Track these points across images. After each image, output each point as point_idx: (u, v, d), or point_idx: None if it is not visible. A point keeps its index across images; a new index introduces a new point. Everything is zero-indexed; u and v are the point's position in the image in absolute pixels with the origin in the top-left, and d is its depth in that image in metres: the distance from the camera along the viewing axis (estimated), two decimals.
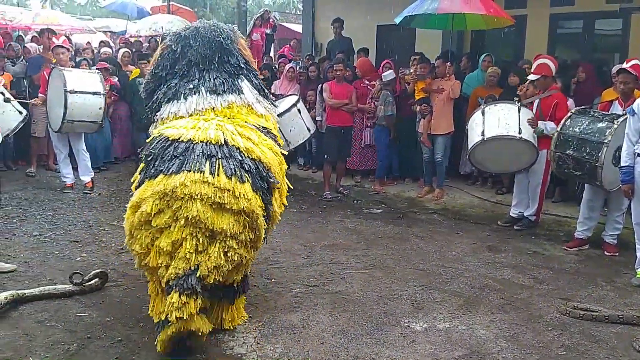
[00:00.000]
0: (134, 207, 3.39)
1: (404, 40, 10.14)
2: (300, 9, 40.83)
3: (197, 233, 3.30)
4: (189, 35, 4.26)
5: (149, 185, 3.36)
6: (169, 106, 4.09)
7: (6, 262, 4.74)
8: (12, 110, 6.68)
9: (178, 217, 3.29)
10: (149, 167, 3.47)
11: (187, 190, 3.28)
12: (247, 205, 3.38)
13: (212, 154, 3.43)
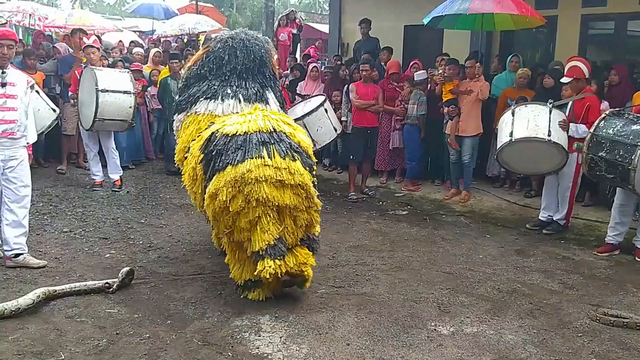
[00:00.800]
0: (211, 196, 3.98)
1: (431, 40, 10.07)
2: (325, 9, 40.95)
3: (267, 210, 3.89)
4: (237, 46, 4.81)
5: (220, 177, 3.93)
6: (207, 103, 4.68)
7: (37, 258, 4.84)
8: (46, 109, 6.81)
9: (250, 199, 3.86)
10: (216, 161, 4.01)
11: (252, 175, 3.85)
12: (301, 179, 3.98)
13: (265, 141, 3.99)
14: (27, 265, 4.68)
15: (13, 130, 4.65)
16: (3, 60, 4.62)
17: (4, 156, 4.65)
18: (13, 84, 4.69)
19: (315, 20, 26.11)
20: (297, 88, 8.88)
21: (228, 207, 3.91)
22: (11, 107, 4.64)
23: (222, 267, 4.90)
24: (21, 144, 4.77)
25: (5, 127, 4.60)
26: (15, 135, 4.68)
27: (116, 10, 38.39)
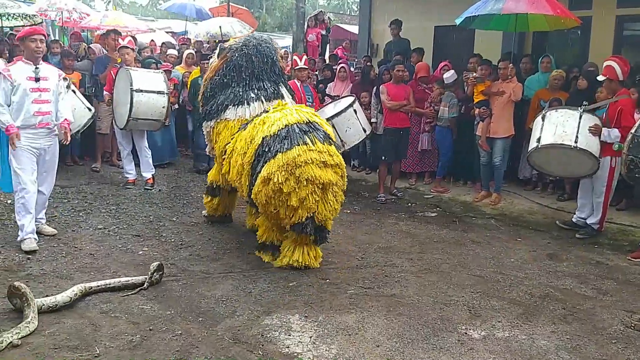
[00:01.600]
0: (264, 181, 4.59)
1: (463, 41, 9.98)
2: (354, 9, 40.92)
3: (315, 188, 4.57)
4: (251, 52, 5.38)
5: (272, 163, 4.57)
6: (236, 110, 5.27)
7: (72, 254, 4.96)
8: (82, 108, 6.96)
9: (301, 179, 4.52)
10: (266, 152, 4.65)
11: (301, 158, 4.54)
12: (338, 160, 4.78)
13: (305, 130, 4.70)
14: (41, 232, 5.31)
15: (48, 121, 5.08)
16: (37, 54, 5.00)
17: (40, 145, 5.08)
18: (46, 78, 5.08)
19: (344, 21, 26.08)
20: (327, 89, 8.89)
21: (281, 189, 4.54)
22: (45, 100, 5.06)
23: (251, 265, 4.97)
24: (54, 133, 5.21)
25: (41, 118, 5.01)
26: (50, 125, 5.11)
27: (148, 12, 39.03)
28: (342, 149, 7.52)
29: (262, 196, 4.64)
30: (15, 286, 3.78)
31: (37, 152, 5.08)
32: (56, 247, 5.13)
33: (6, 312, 3.85)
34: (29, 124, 4.97)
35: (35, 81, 4.97)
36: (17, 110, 4.92)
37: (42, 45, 5.04)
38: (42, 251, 5.02)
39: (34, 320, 3.61)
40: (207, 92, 5.56)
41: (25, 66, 5.01)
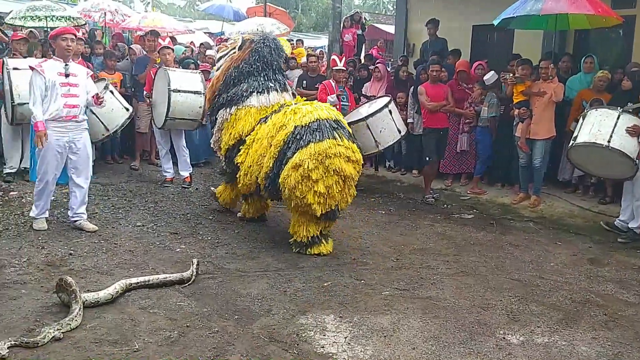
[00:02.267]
0: (295, 166, 4.97)
1: (501, 40, 9.83)
2: (390, 9, 40.71)
3: (339, 179, 5.03)
4: (271, 45, 5.78)
5: (305, 151, 4.97)
6: (259, 97, 5.63)
7: (112, 250, 5.08)
8: (120, 108, 7.11)
9: (328, 169, 4.97)
10: (298, 140, 5.03)
11: (332, 151, 4.98)
12: (358, 157, 5.17)
13: (334, 127, 5.13)
14: (83, 228, 5.54)
15: (76, 114, 5.39)
16: (68, 52, 5.36)
17: (69, 137, 5.37)
18: (75, 74, 5.41)
19: (380, 20, 26.00)
20: (363, 89, 8.87)
21: (310, 175, 4.94)
22: (74, 94, 5.36)
23: (286, 265, 4.99)
24: (84, 126, 5.52)
25: (68, 110, 5.32)
26: (78, 118, 5.42)
27: (186, 13, 39.62)
28: (376, 149, 7.50)
29: (291, 180, 5.00)
30: (67, 282, 3.86)
31: (66, 146, 5.37)
32: (97, 244, 5.25)
33: (48, 306, 3.95)
34: (59, 116, 5.28)
35: (65, 77, 5.30)
36: (49, 103, 5.26)
37: (73, 44, 5.39)
38: (84, 247, 5.14)
39: (78, 315, 3.69)
40: (230, 79, 5.73)
41: (56, 63, 5.35)
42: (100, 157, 8.30)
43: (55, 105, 5.24)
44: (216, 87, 5.89)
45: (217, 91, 5.87)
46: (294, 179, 4.98)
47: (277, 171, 5.16)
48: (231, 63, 5.80)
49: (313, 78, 8.68)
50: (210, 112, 5.89)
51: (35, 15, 8.62)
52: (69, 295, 3.84)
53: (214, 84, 5.90)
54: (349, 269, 4.94)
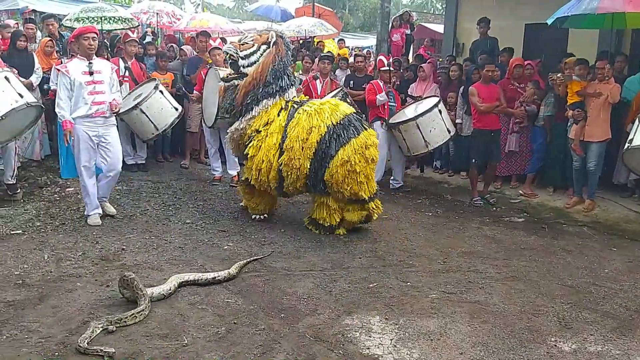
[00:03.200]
0: (342, 163, 5.44)
1: (555, 40, 9.52)
2: (438, 8, 40.17)
3: (373, 165, 5.69)
4: (289, 45, 6.04)
5: (348, 148, 5.45)
6: (291, 91, 5.91)
7: (163, 247, 5.20)
8: (168, 107, 7.28)
9: (367, 159, 5.54)
10: (338, 138, 5.49)
11: (369, 142, 5.58)
12: (376, 140, 5.80)
13: (358, 119, 5.72)
14: (103, 209, 5.91)
15: (103, 110, 5.60)
16: (90, 50, 5.59)
17: (97, 132, 5.61)
18: (99, 71, 5.62)
19: (427, 20, 25.69)
20: (409, 89, 8.78)
21: (355, 169, 5.45)
22: (100, 91, 5.58)
23: (331, 264, 4.99)
24: (111, 122, 5.75)
25: (97, 107, 5.54)
26: (105, 114, 5.63)
27: (235, 13, 40.24)
28: (425, 149, 7.42)
29: (339, 176, 5.45)
30: (131, 278, 3.97)
31: (96, 139, 5.61)
32: (148, 240, 5.39)
33: (102, 299, 4.08)
34: (87, 113, 5.51)
35: (89, 75, 5.53)
36: (76, 102, 5.50)
37: (94, 43, 5.60)
38: (136, 243, 5.29)
39: (144, 311, 3.78)
40: (277, 72, 5.80)
41: (80, 62, 5.58)
42: (151, 155, 8.52)
43: (83, 104, 5.49)
44: (261, 78, 5.80)
45: (263, 82, 5.79)
46: (342, 174, 5.44)
47: (317, 171, 5.54)
48: (273, 57, 5.82)
49: (360, 78, 8.65)
50: (248, 100, 5.75)
51: (88, 16, 8.90)
52: (134, 292, 3.92)
53: (256, 76, 5.80)
54: (395, 271, 4.90)
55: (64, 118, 5.50)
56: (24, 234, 5.36)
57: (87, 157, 5.63)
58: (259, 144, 5.72)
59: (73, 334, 3.52)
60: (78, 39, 5.63)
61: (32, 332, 3.51)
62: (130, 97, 7.27)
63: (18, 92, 5.68)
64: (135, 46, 8.00)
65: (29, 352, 3.28)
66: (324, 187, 5.61)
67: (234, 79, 5.93)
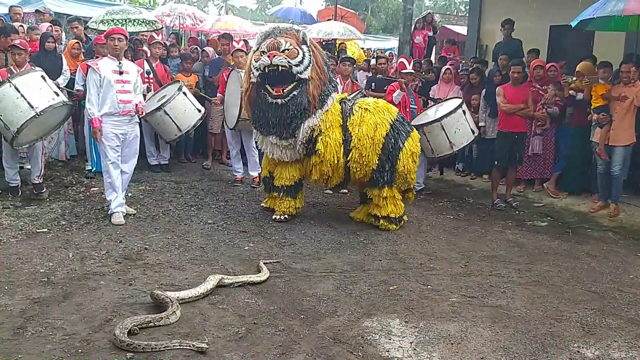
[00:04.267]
0: (411, 155, 6.05)
1: (580, 42, 9.39)
2: (462, 10, 39.84)
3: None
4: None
5: (410, 141, 6.08)
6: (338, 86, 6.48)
7: (185, 246, 5.26)
8: (192, 109, 7.36)
9: (418, 152, 6.28)
10: (401, 133, 6.01)
11: (417, 135, 6.33)
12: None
13: (403, 115, 6.46)
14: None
15: (130, 108, 5.79)
16: (117, 51, 5.78)
17: (124, 130, 5.81)
18: (127, 72, 5.82)
19: (451, 21, 25.51)
20: (430, 92, 8.73)
21: (415, 160, 6.15)
22: (127, 90, 5.77)
23: (351, 266, 4.99)
24: (136, 120, 5.93)
25: (124, 106, 5.73)
26: (131, 113, 5.82)
27: (257, 16, 40.48)
28: (450, 150, 7.37)
29: (410, 166, 6.04)
30: (155, 295, 3.99)
31: (121, 137, 5.79)
32: (170, 239, 5.45)
33: (124, 297, 4.14)
34: (115, 111, 5.69)
35: (119, 74, 5.72)
36: (105, 99, 5.67)
37: (121, 44, 5.76)
38: (158, 242, 5.35)
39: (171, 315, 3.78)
40: (328, 67, 6.03)
41: (110, 61, 5.78)
42: (174, 156, 8.62)
43: (111, 101, 5.66)
44: (325, 76, 5.87)
45: (326, 80, 5.91)
46: (411, 164, 6.05)
47: (385, 164, 5.93)
48: (319, 54, 5.93)
49: (382, 80, 8.63)
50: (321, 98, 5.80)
51: (113, 18, 9.05)
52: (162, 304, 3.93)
53: (321, 76, 5.81)
54: (415, 274, 4.88)
55: (93, 115, 5.68)
56: (49, 232, 5.46)
57: (113, 154, 5.78)
58: (327, 140, 5.83)
59: (96, 332, 3.58)
60: (107, 39, 5.83)
61: (56, 329, 3.58)
62: (154, 98, 7.36)
63: (54, 91, 5.95)
64: (160, 48, 8.11)
65: (53, 348, 3.34)
66: (391, 179, 5.98)
67: (292, 91, 5.70)
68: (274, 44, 5.71)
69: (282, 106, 5.73)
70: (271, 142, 5.95)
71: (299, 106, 5.72)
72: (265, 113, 5.85)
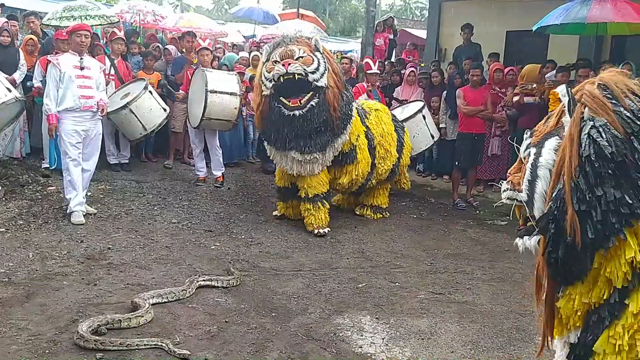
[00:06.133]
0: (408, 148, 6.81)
1: (536, 46, 9.73)
2: (417, 14, 40.47)
3: None
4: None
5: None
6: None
7: (150, 246, 5.16)
8: (158, 108, 7.22)
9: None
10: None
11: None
12: None
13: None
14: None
15: (91, 104, 5.69)
16: (82, 47, 5.71)
17: (85, 127, 5.70)
18: (89, 67, 5.74)
19: (407, 25, 25.91)
20: (394, 93, 8.86)
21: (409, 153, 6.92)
22: (88, 86, 5.68)
23: (320, 265, 5.02)
24: (98, 117, 5.82)
25: (84, 101, 5.63)
26: (93, 109, 5.72)
27: (213, 15, 40.03)
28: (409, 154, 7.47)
29: (407, 160, 6.89)
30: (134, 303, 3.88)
31: (83, 133, 5.68)
32: (134, 239, 5.34)
33: (90, 297, 4.03)
34: (76, 106, 5.58)
35: (80, 69, 5.63)
36: (65, 95, 5.54)
37: (87, 40, 5.74)
38: (121, 242, 5.23)
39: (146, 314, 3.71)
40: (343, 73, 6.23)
41: (72, 57, 5.68)
42: (134, 155, 8.42)
43: (72, 96, 5.55)
44: (342, 84, 5.70)
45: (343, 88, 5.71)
46: (408, 158, 6.80)
47: (399, 157, 6.52)
48: (334, 61, 5.79)
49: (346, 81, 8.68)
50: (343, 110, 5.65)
51: (72, 15, 8.78)
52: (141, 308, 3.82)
53: (338, 84, 5.60)
54: (382, 271, 4.94)
55: (50, 112, 5.53)
56: (7, 232, 5.26)
57: (74, 151, 5.64)
58: (362, 145, 5.98)
59: (63, 332, 3.48)
60: (71, 35, 5.70)
61: (21, 330, 3.46)
62: (116, 95, 7.18)
63: (6, 87, 5.72)
64: (122, 44, 7.92)
65: (19, 349, 3.23)
66: (398, 171, 6.67)
67: (309, 101, 5.40)
68: (287, 52, 5.42)
69: (301, 118, 5.39)
70: (292, 157, 5.60)
71: (319, 118, 5.42)
72: (281, 127, 5.50)
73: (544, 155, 2.14)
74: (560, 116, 2.16)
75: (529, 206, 2.20)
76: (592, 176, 1.93)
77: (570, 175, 1.95)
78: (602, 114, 1.96)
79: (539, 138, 2.23)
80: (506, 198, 2.30)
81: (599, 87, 2.02)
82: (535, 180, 2.15)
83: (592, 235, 1.93)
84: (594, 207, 1.93)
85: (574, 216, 1.93)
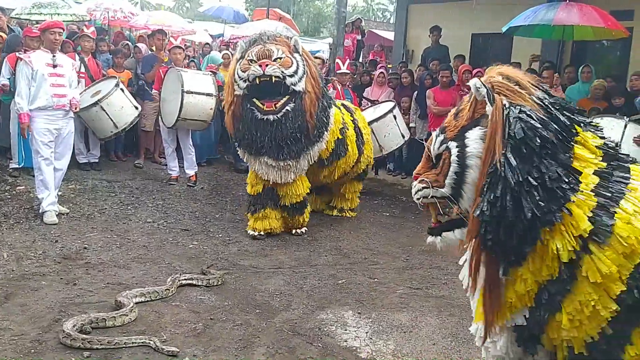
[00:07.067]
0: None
1: (500, 49, 10.03)
2: (379, 16, 40.88)
3: None
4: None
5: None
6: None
7: (126, 245, 5.12)
8: (129, 107, 7.14)
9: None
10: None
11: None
12: None
13: None
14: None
15: (64, 103, 5.62)
16: (55, 45, 5.66)
17: (58, 125, 5.63)
18: (61, 65, 5.68)
19: (371, 27, 26.19)
20: (364, 93, 8.98)
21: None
22: (61, 84, 5.62)
23: (299, 262, 5.07)
24: (70, 115, 5.76)
25: (57, 100, 5.56)
26: (65, 107, 5.66)
27: (175, 13, 39.46)
28: (380, 153, 7.60)
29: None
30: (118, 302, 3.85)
31: (55, 132, 5.62)
32: (110, 238, 5.29)
33: (70, 297, 3.99)
34: (48, 105, 5.51)
35: (52, 67, 5.56)
36: (37, 93, 5.46)
37: (60, 38, 5.72)
38: (97, 241, 5.17)
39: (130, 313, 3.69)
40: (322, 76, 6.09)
41: (44, 54, 5.61)
42: (104, 154, 8.29)
43: (44, 95, 5.47)
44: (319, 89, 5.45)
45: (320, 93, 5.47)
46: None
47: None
48: (313, 64, 5.50)
49: None
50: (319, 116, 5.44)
51: (41, 12, 8.60)
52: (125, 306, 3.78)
53: (315, 90, 5.35)
54: (361, 268, 5.03)
55: (22, 110, 5.43)
56: None
57: (47, 150, 5.56)
58: (352, 138, 6.18)
59: (46, 332, 3.44)
60: (44, 32, 5.61)
61: (3, 330, 3.40)
62: (87, 94, 7.06)
63: None
64: (90, 42, 7.79)
65: (3, 349, 3.18)
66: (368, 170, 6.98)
67: (285, 105, 5.14)
68: (264, 52, 5.12)
69: (275, 123, 5.13)
70: (266, 162, 5.34)
71: (293, 123, 5.15)
72: (254, 131, 5.20)
73: (470, 145, 2.24)
74: (475, 109, 2.27)
75: (455, 198, 2.29)
76: (528, 155, 2.06)
77: (507, 157, 2.07)
78: (520, 102, 2.14)
79: (455, 132, 2.31)
80: (421, 197, 2.37)
81: (506, 79, 2.22)
82: (465, 170, 2.25)
83: (538, 212, 2.04)
84: (534, 186, 2.05)
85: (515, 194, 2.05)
